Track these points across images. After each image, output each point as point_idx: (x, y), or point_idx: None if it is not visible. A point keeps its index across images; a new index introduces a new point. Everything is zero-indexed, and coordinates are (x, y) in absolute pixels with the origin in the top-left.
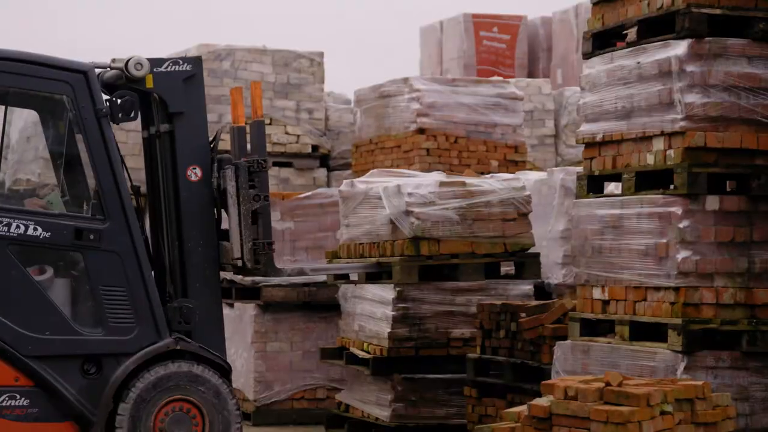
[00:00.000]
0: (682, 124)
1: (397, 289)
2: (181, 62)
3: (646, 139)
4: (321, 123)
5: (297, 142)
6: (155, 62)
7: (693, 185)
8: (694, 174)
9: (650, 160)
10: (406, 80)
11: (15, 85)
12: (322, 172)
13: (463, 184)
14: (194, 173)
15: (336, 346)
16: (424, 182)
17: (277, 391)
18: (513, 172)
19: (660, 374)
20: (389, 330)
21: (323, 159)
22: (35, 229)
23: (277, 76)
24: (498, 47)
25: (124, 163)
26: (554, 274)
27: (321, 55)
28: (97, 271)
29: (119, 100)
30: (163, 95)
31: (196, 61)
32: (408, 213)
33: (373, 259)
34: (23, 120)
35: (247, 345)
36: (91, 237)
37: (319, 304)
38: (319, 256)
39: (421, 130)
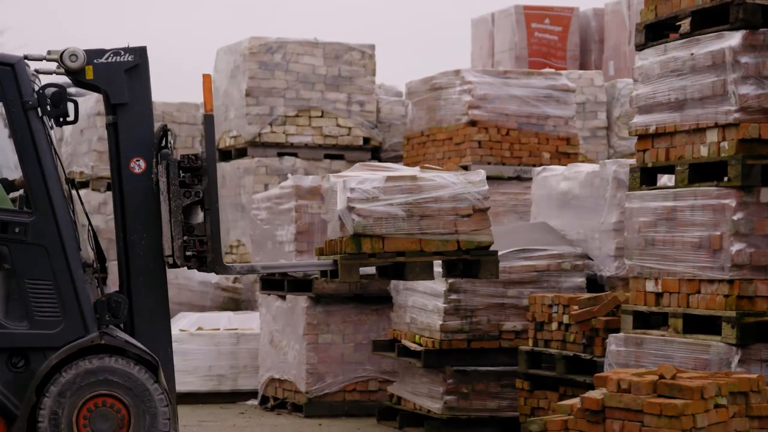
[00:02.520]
0: (736, 115)
1: (449, 281)
2: (122, 53)
3: (699, 130)
4: (372, 115)
5: (348, 135)
6: (95, 53)
7: (747, 177)
8: (748, 166)
9: (704, 152)
10: (457, 72)
11: None
12: None
13: (413, 178)
14: (138, 165)
15: (388, 338)
16: (372, 177)
17: (328, 383)
18: (565, 164)
19: (714, 367)
20: (441, 322)
21: (374, 151)
22: None
23: (328, 68)
24: (550, 39)
25: (59, 157)
26: (606, 266)
27: (372, 47)
28: (23, 264)
29: (49, 93)
30: (105, 87)
31: (140, 52)
32: (350, 209)
33: (336, 257)
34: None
35: (299, 337)
36: (17, 230)
37: (371, 296)
38: None
39: (472, 123)
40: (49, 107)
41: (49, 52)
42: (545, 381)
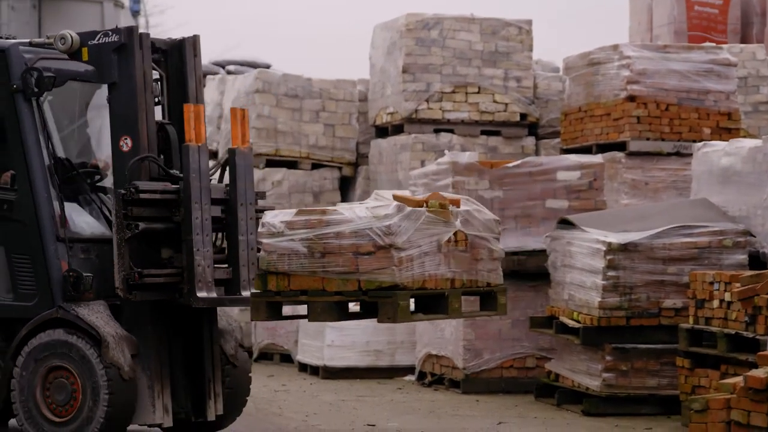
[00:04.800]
0: None
1: (608, 258)
2: (111, 33)
3: None
4: (529, 91)
5: (505, 111)
6: (89, 35)
7: None
8: None
9: None
10: (615, 47)
11: None
12: (530, 141)
13: (323, 212)
14: (125, 143)
15: (545, 315)
16: (288, 211)
17: (486, 360)
18: (726, 140)
19: None
20: (599, 299)
21: (532, 127)
22: None
23: (485, 44)
24: (710, 12)
25: (49, 138)
26: None
27: (529, 22)
28: (8, 239)
29: (43, 78)
30: (97, 67)
31: (128, 32)
32: (259, 245)
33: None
34: (236, 90)
35: None
36: (4, 207)
37: (528, 272)
38: (528, 224)
39: (631, 98)
40: (37, 90)
41: (47, 37)
42: (706, 359)
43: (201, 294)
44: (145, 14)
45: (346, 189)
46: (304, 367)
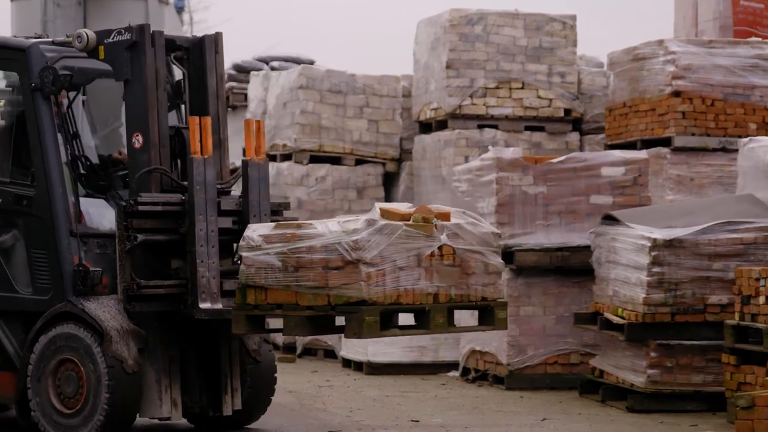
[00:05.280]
0: None
1: (653, 254)
2: (123, 32)
3: None
4: (573, 86)
5: (549, 106)
6: (105, 34)
7: None
8: None
9: None
10: (660, 42)
11: None
12: (574, 136)
13: (299, 226)
14: (137, 140)
15: (589, 311)
16: (267, 224)
17: (530, 356)
18: None
19: None
20: (644, 295)
21: (576, 123)
22: None
23: (529, 39)
24: (756, 7)
25: (75, 136)
26: None
27: (573, 18)
28: (28, 234)
29: (58, 76)
30: (112, 65)
31: (139, 30)
32: (239, 258)
33: None
34: (280, 86)
35: None
36: (24, 203)
37: (573, 268)
38: (573, 220)
39: (676, 93)
40: (52, 88)
41: (67, 36)
42: (752, 356)
43: (204, 305)
44: (189, 10)
45: (389, 185)
46: (348, 363)
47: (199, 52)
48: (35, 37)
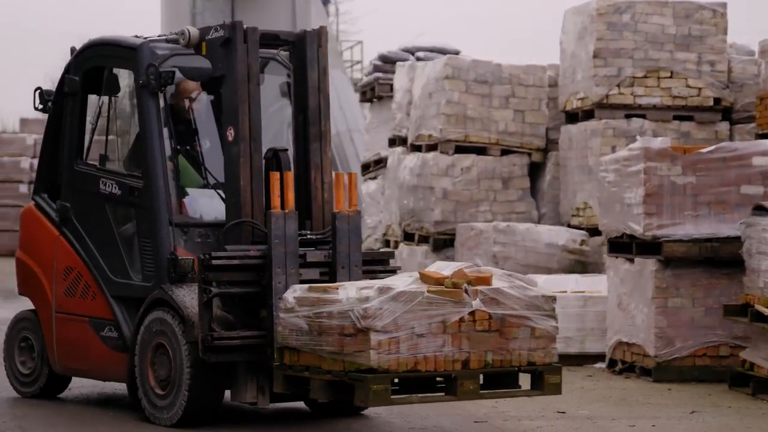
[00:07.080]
0: None
1: None
2: (219, 29)
3: None
4: (723, 75)
5: (698, 95)
6: (206, 31)
7: None
8: None
9: None
10: None
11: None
12: (724, 126)
13: (324, 290)
14: (230, 134)
15: (740, 303)
16: (302, 286)
17: (678, 348)
18: None
19: None
20: None
21: (725, 112)
22: (114, 188)
23: (678, 28)
24: None
25: (171, 130)
26: None
27: (724, 5)
28: (138, 223)
29: (160, 73)
30: (211, 61)
31: (232, 27)
32: (277, 319)
33: None
34: (425, 77)
35: (648, 300)
36: (136, 194)
37: (722, 259)
38: (722, 211)
39: None
40: (155, 84)
41: (173, 33)
42: None
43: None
44: (335, 1)
45: (535, 175)
46: None
47: (303, 47)
48: (160, 37)
